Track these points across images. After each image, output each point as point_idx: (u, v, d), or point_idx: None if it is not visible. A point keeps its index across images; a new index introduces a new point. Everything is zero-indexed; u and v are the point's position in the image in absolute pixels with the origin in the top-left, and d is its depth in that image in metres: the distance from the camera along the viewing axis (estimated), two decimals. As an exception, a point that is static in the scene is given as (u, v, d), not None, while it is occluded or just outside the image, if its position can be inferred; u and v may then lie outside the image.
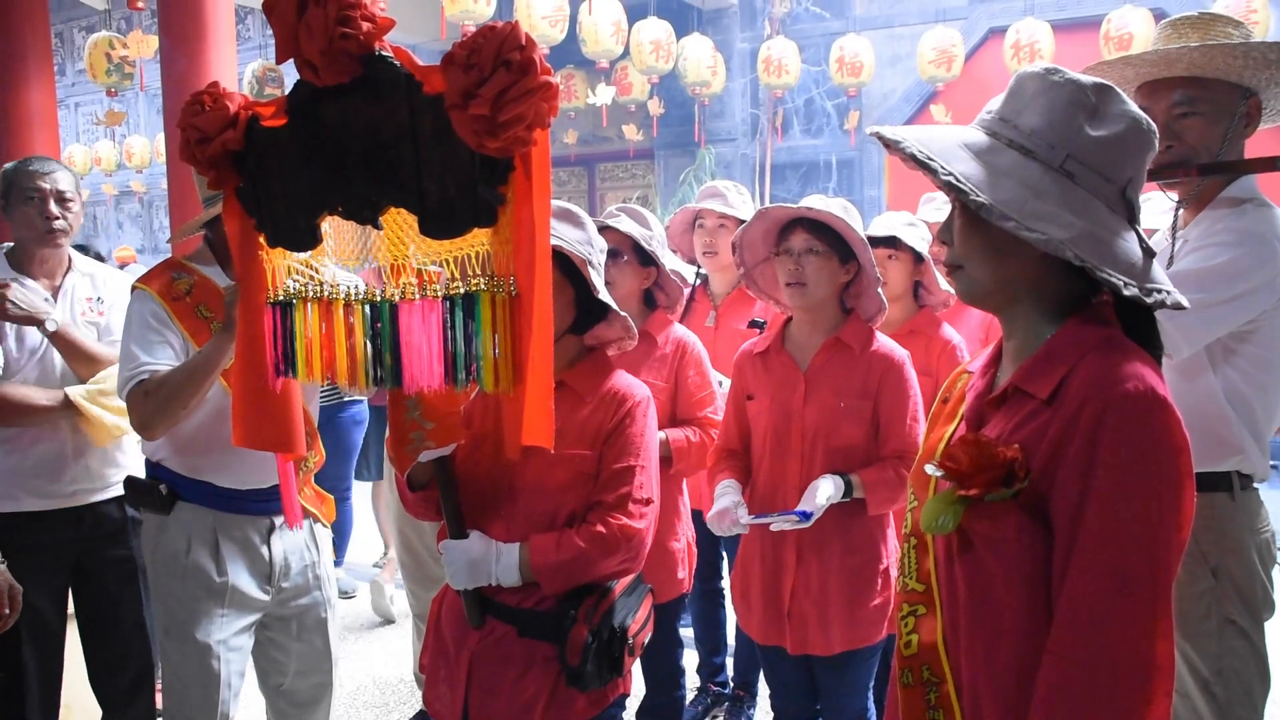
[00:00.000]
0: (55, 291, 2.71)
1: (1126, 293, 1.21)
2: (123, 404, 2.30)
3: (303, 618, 2.45)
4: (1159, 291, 1.23)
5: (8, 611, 2.36)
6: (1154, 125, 1.28)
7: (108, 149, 11.40)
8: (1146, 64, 1.96)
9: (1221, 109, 1.96)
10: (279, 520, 2.37)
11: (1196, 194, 2.01)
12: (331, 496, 2.55)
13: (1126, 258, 1.24)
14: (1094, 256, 1.20)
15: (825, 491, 2.27)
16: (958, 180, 1.24)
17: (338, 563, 5.00)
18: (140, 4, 5.85)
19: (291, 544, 2.41)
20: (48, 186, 2.66)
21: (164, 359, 2.20)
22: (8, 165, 2.75)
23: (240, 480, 2.31)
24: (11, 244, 2.79)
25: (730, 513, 2.36)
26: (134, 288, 2.31)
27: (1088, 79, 1.27)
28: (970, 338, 3.17)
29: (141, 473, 2.43)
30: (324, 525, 2.51)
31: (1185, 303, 1.26)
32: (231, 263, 2.29)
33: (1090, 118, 1.25)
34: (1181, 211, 2.04)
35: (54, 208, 2.66)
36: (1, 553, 2.44)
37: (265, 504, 2.35)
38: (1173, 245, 2.00)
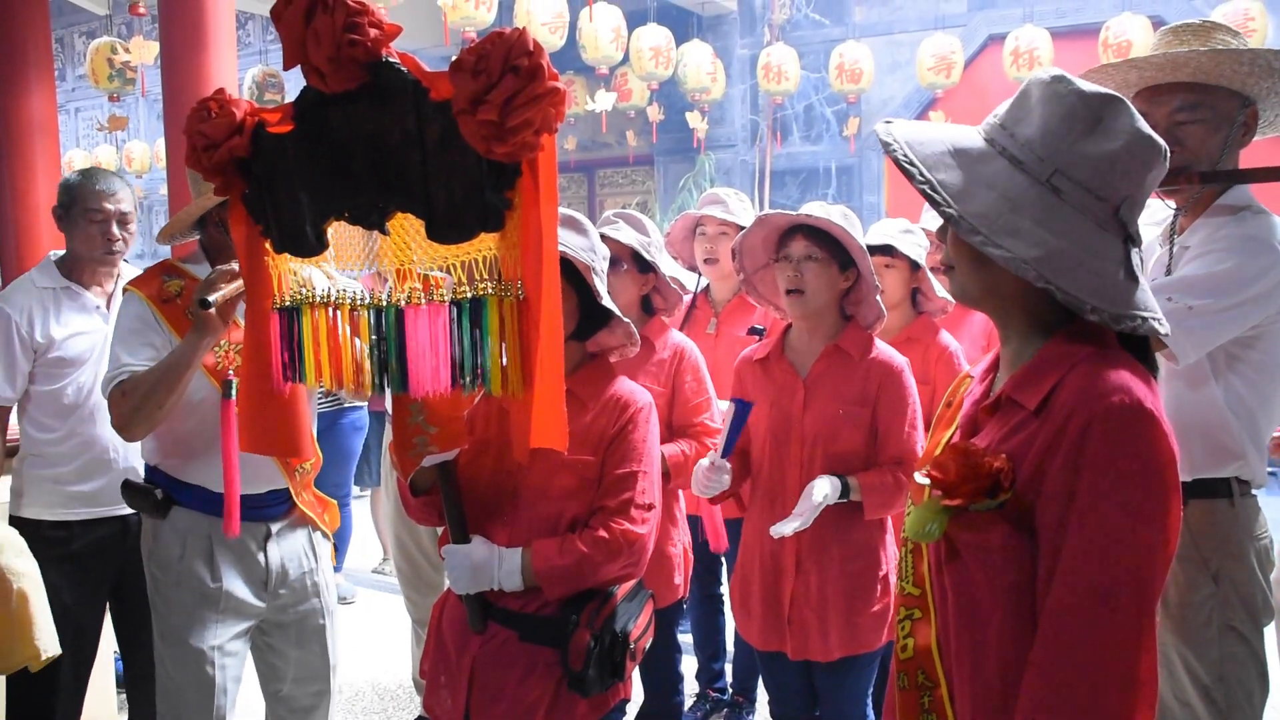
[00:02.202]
0: (108, 300, 2.80)
1: (1091, 317, 1.20)
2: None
3: (301, 625, 2.44)
4: (1132, 319, 1.21)
5: None
6: (1162, 144, 1.25)
7: (108, 154, 11.39)
8: (1153, 67, 1.95)
9: (1222, 117, 1.96)
10: (275, 526, 2.36)
11: (1194, 201, 2.01)
12: (335, 503, 2.54)
13: (1103, 280, 1.21)
14: (1062, 277, 1.19)
15: (821, 490, 2.27)
16: (932, 189, 1.23)
17: (336, 568, 5.00)
18: (141, 9, 5.87)
19: (289, 550, 2.40)
20: (112, 208, 2.71)
21: (145, 360, 2.19)
22: (71, 176, 2.79)
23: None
24: (64, 252, 2.85)
25: (704, 467, 2.34)
26: (125, 290, 2.32)
27: (1096, 91, 1.25)
28: (974, 344, 3.18)
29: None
30: (324, 534, 2.49)
31: (1162, 330, 1.24)
32: (222, 263, 2.30)
33: (1088, 132, 1.23)
34: (1179, 218, 2.05)
35: (116, 230, 2.73)
36: (46, 557, 2.51)
37: (261, 509, 2.33)
38: (1171, 251, 2.01)
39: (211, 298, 2.04)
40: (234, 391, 2.18)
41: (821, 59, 7.98)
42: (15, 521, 2.70)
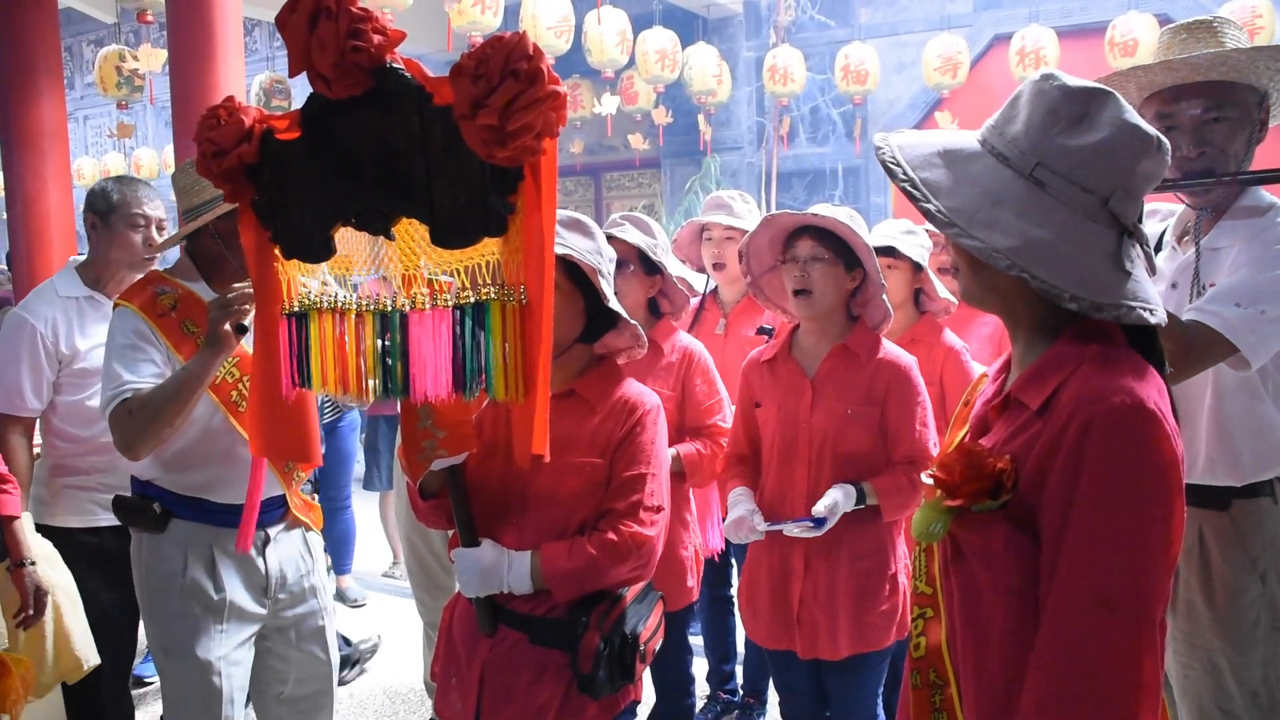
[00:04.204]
0: None
1: (1070, 305, 1.20)
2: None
3: (300, 627, 2.45)
4: (1116, 308, 1.21)
5: (31, 613, 2.43)
6: (1154, 135, 1.25)
7: (116, 161, 11.44)
8: (1189, 67, 1.91)
9: (1245, 113, 1.93)
10: (273, 531, 2.37)
11: (1215, 203, 1.98)
12: (318, 505, 2.55)
13: (1084, 270, 1.21)
14: (1038, 266, 1.19)
15: (832, 497, 2.29)
16: (913, 186, 1.25)
17: (345, 570, 5.03)
18: (149, 18, 5.88)
19: (286, 554, 2.41)
20: (152, 214, 2.80)
21: (147, 376, 2.16)
22: (108, 185, 2.82)
23: (234, 496, 2.29)
24: (84, 257, 2.86)
25: (748, 520, 2.37)
26: (116, 304, 2.28)
27: (1081, 85, 1.25)
28: (982, 346, 3.18)
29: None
30: (316, 533, 2.51)
31: (1153, 320, 1.24)
32: (215, 276, 2.30)
33: (1072, 125, 1.24)
34: (1203, 220, 2.00)
35: (156, 236, 2.81)
36: (82, 562, 2.62)
37: (260, 516, 2.32)
38: (1197, 254, 1.96)
39: (246, 321, 2.05)
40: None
41: (827, 60, 7.97)
42: (45, 530, 2.75)
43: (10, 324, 2.74)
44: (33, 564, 2.46)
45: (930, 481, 1.28)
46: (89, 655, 2.57)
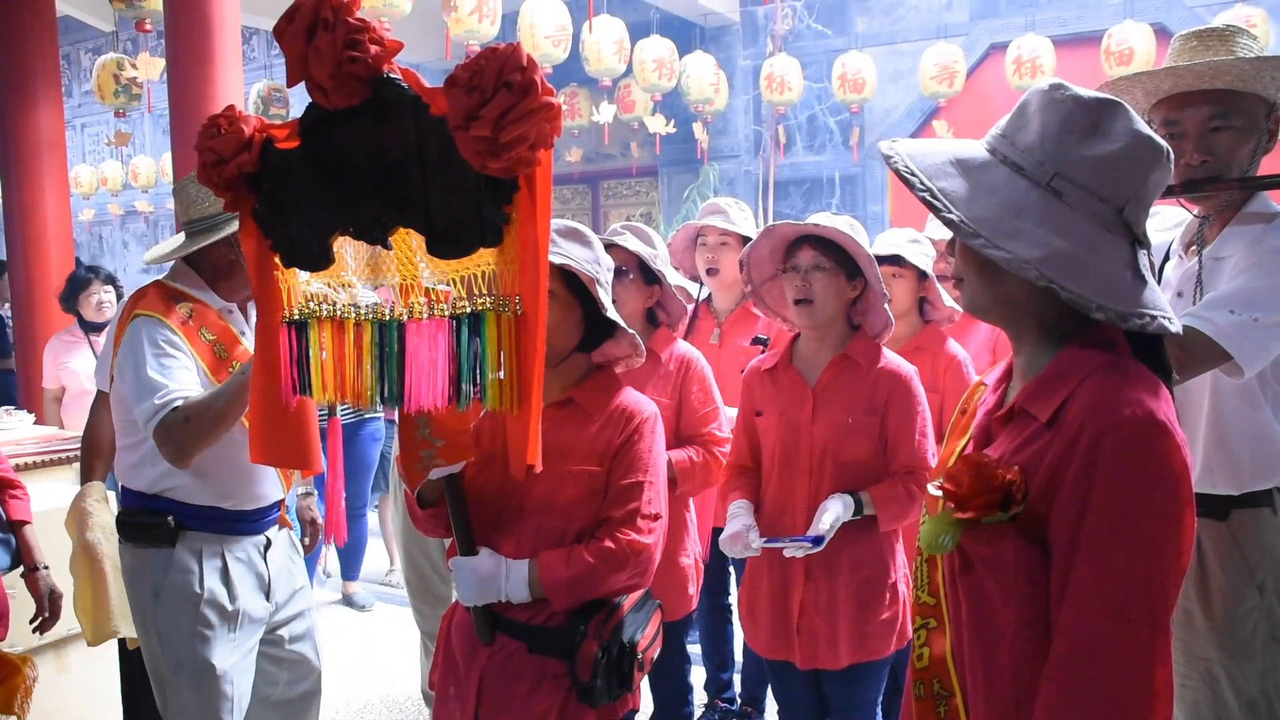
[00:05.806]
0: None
1: (1097, 315, 1.20)
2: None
3: (292, 627, 2.48)
4: (1140, 317, 1.21)
5: (47, 615, 2.44)
6: (1163, 145, 1.26)
7: (114, 169, 11.44)
8: (1194, 75, 1.91)
9: (1252, 123, 1.92)
10: (271, 533, 2.41)
11: (1219, 210, 1.97)
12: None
13: (1108, 280, 1.22)
14: (1065, 277, 1.19)
15: (833, 513, 2.28)
16: (932, 196, 1.24)
17: (353, 576, 5.07)
18: (148, 26, 5.89)
19: (280, 555, 2.44)
20: None
21: (190, 384, 2.16)
22: None
23: (247, 501, 2.31)
24: None
25: (743, 536, 2.37)
26: (136, 314, 2.24)
27: (1093, 96, 1.26)
28: (978, 353, 3.18)
29: None
30: (296, 533, 2.55)
31: (1173, 329, 1.24)
32: (225, 284, 2.31)
33: (1086, 136, 1.24)
34: (1205, 228, 2.00)
35: None
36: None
37: (261, 522, 2.37)
38: (1200, 262, 1.96)
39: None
40: (338, 410, 2.15)
41: (824, 69, 7.98)
42: None
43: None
44: (46, 568, 2.48)
45: (938, 493, 1.27)
46: (126, 629, 2.54)
